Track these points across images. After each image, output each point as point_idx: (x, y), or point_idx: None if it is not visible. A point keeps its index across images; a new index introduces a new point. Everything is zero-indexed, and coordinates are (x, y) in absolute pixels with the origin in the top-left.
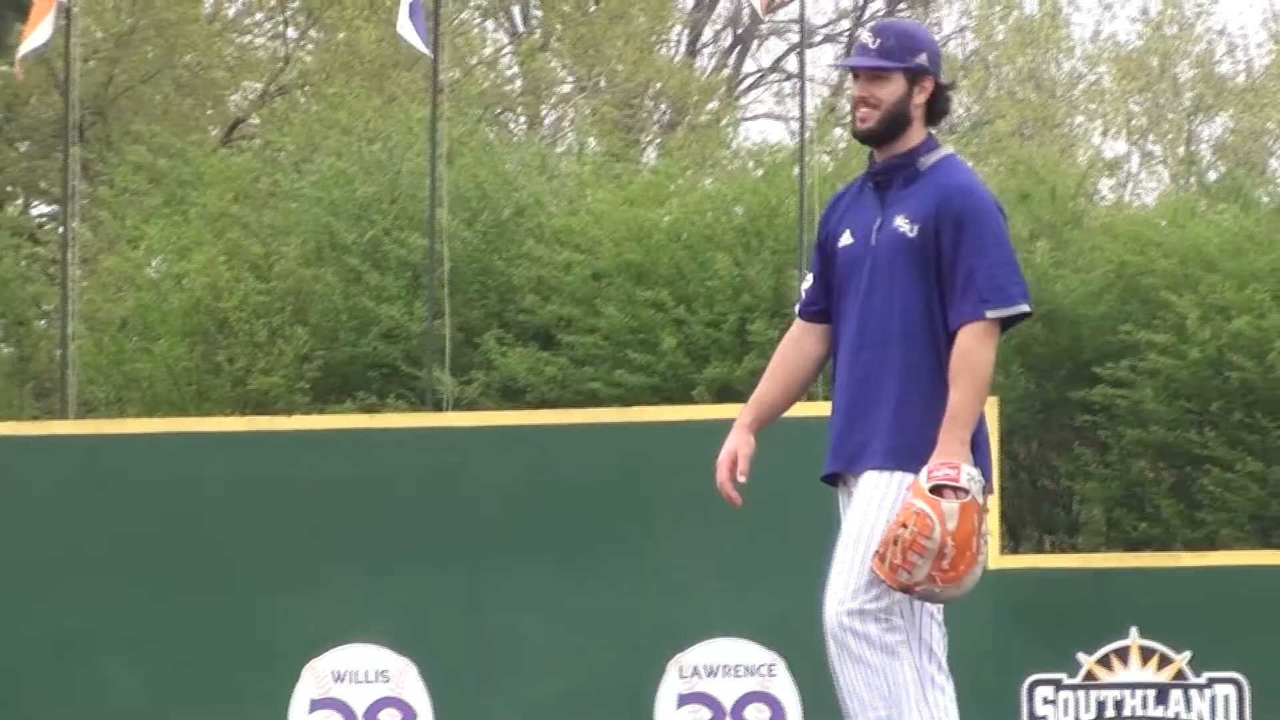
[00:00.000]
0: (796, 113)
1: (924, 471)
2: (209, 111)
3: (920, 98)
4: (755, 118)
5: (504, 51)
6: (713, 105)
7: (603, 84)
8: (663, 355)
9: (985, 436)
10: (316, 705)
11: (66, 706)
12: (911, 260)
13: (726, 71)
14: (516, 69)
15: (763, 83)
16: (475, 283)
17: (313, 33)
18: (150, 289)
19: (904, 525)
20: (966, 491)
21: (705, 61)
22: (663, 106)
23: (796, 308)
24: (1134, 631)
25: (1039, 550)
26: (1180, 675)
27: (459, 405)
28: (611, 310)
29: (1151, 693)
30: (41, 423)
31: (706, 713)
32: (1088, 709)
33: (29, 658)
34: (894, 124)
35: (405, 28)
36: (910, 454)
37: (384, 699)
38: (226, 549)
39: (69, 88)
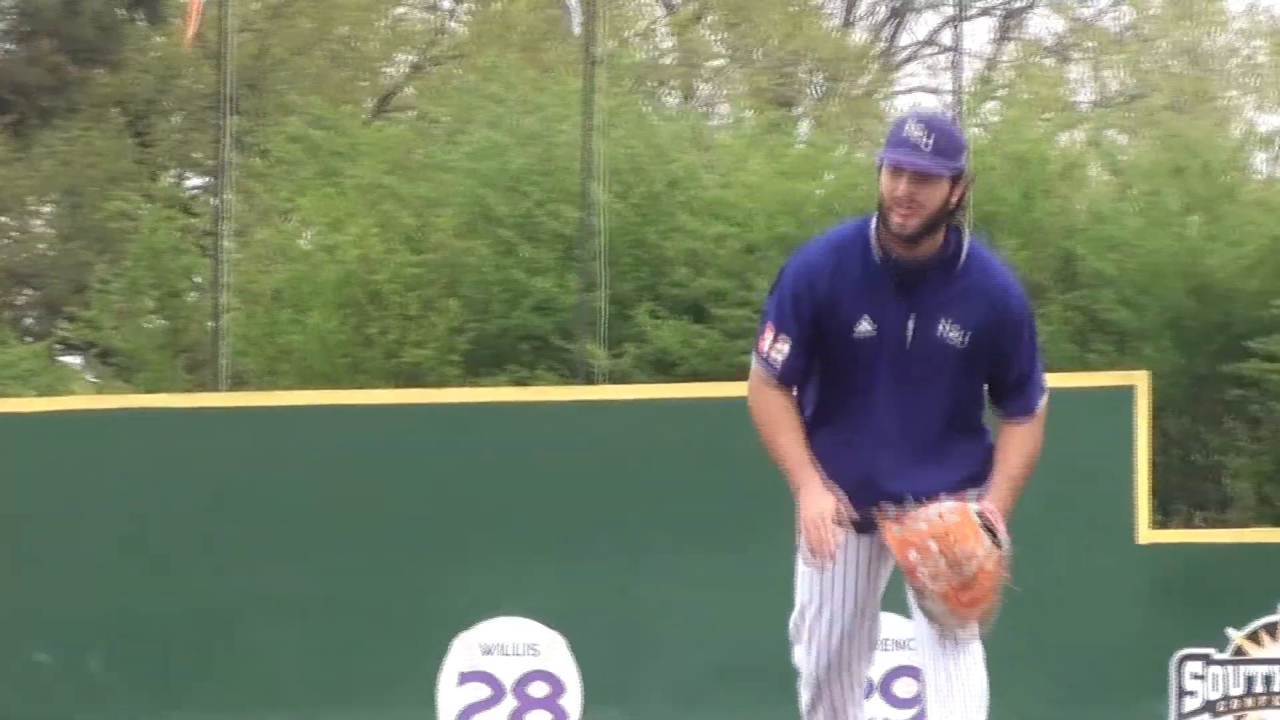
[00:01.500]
0: (950, 86)
1: (972, 505)
2: (363, 83)
3: (955, 197)
4: (909, 90)
5: (659, 24)
6: (866, 78)
7: (757, 55)
8: None
9: None
10: (466, 678)
11: (223, 676)
12: (962, 367)
13: (881, 45)
14: (671, 41)
15: (917, 56)
16: (628, 255)
17: (466, 4)
18: (303, 261)
19: (946, 533)
20: (1001, 547)
21: (860, 35)
22: (818, 77)
23: (774, 370)
24: None
25: (1189, 525)
26: None
27: (611, 378)
28: (765, 284)
29: None
30: (193, 395)
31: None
32: (1236, 684)
33: (185, 629)
34: (934, 226)
35: None
36: None
37: (533, 672)
38: (377, 522)
39: (224, 60)
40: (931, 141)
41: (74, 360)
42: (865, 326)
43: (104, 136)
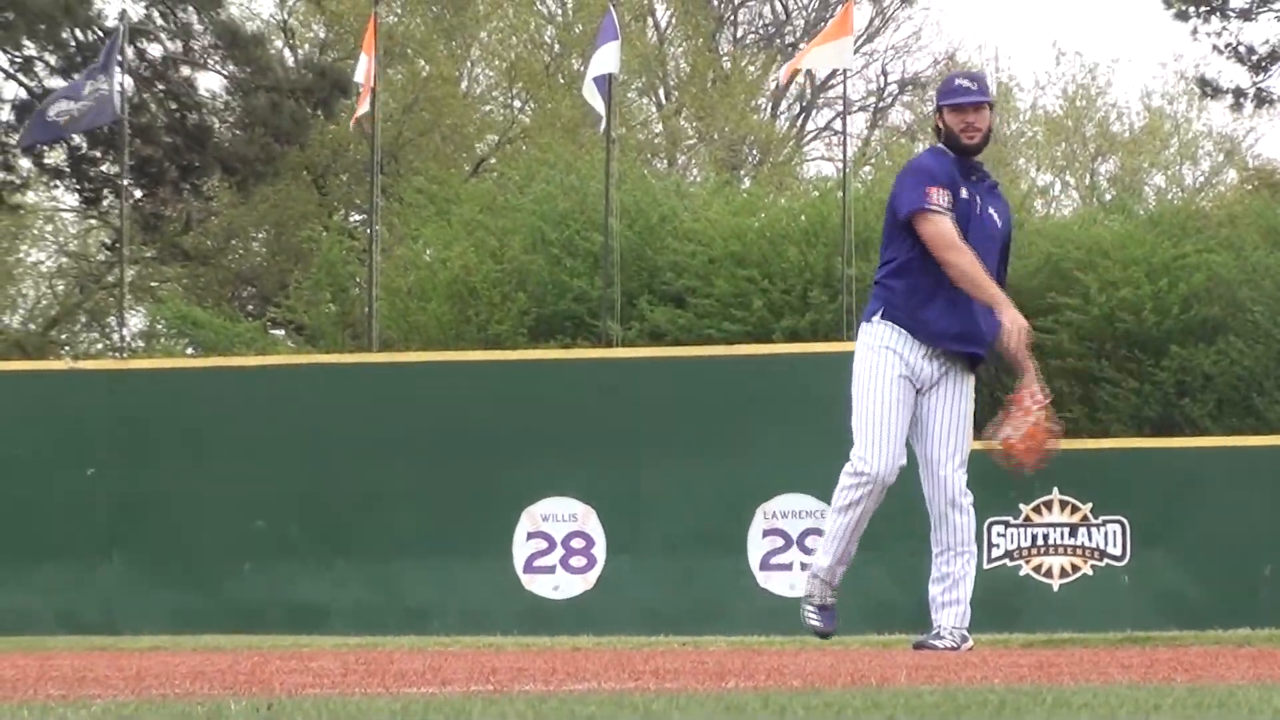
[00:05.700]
0: (840, 156)
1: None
2: (463, 155)
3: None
4: (814, 159)
5: (652, 117)
6: (785, 150)
7: (715, 137)
8: (754, 312)
9: None
10: (531, 536)
11: (370, 537)
12: (999, 242)
13: (794, 129)
14: (660, 128)
15: (819, 137)
16: (634, 264)
17: (530, 104)
18: (425, 269)
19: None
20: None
21: (781, 123)
22: (754, 150)
23: (944, 211)
24: (1055, 489)
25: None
26: (1085, 518)
27: (623, 344)
28: (720, 282)
29: (1066, 529)
30: (355, 354)
31: (780, 541)
32: (1025, 539)
33: (349, 508)
34: (990, 139)
35: (590, 94)
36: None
37: (574, 532)
38: (475, 436)
39: (375, 139)
40: (979, 85)
41: (278, 332)
42: (964, 194)
43: (297, 189)
